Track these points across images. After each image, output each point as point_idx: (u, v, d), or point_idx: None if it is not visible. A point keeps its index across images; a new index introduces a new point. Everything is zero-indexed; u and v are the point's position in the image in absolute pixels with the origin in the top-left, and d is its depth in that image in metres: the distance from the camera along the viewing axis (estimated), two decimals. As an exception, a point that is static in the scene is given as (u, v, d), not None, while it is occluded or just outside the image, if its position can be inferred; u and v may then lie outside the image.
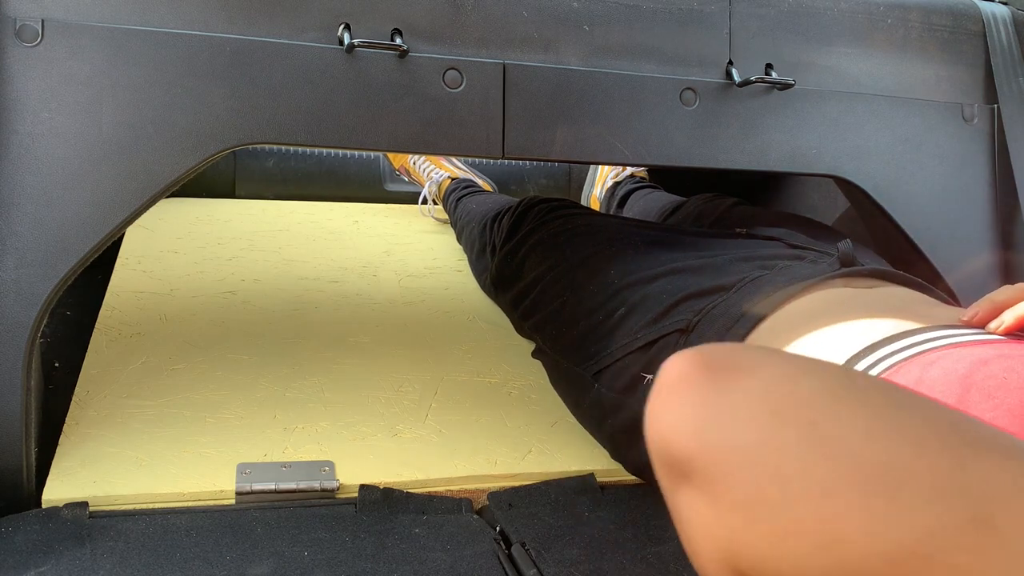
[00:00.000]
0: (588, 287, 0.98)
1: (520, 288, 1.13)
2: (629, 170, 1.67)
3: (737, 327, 0.79)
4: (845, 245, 0.86)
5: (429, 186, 1.64)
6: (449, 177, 1.64)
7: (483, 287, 1.33)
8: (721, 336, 0.79)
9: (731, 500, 0.35)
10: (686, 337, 0.83)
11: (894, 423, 0.33)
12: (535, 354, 1.10)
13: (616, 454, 0.93)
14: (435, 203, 1.65)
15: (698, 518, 0.37)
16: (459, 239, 1.50)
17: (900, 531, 0.30)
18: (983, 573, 0.29)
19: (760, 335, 0.77)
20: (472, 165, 1.73)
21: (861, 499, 0.31)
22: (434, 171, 1.65)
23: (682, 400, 0.38)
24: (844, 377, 0.37)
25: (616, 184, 1.66)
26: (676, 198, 1.48)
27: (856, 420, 0.33)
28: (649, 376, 0.84)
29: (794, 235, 0.99)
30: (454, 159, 1.68)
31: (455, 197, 1.56)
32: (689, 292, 0.86)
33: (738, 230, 1.04)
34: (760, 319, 0.78)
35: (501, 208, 1.32)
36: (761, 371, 0.37)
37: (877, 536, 0.31)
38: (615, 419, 0.90)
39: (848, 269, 0.83)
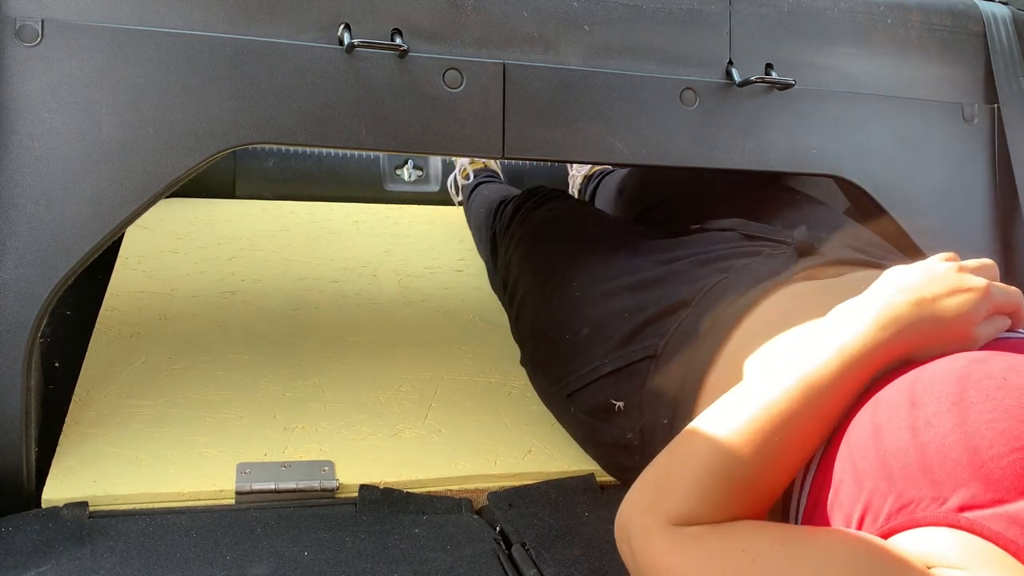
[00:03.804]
0: (553, 300, 0.98)
1: (509, 294, 1.15)
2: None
3: (703, 350, 0.78)
4: (800, 233, 0.85)
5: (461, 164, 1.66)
6: (484, 162, 1.65)
7: (490, 280, 1.34)
8: (691, 359, 0.78)
9: None
10: (656, 363, 0.81)
11: None
12: (522, 362, 1.10)
13: (601, 464, 0.94)
14: (460, 178, 1.65)
15: None
16: (469, 224, 1.51)
17: None
18: None
19: (727, 356, 0.76)
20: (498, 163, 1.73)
21: None
22: None
23: None
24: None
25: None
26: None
27: None
28: (619, 403, 0.83)
29: (747, 224, 0.96)
30: None
31: (477, 181, 1.58)
32: (650, 314, 0.84)
33: (693, 227, 1.02)
34: (724, 336, 0.77)
35: (507, 196, 1.33)
36: None
37: None
38: (592, 439, 0.91)
39: (807, 261, 0.82)
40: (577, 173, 1.69)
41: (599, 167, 1.65)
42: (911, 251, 1.06)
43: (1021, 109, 1.08)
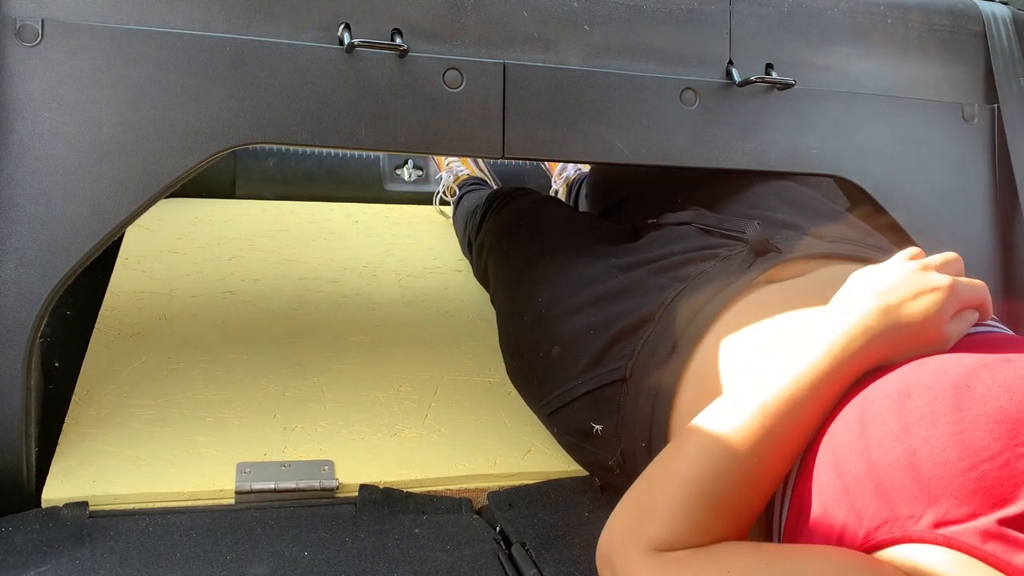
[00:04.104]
0: (523, 317, 0.98)
1: (491, 303, 1.15)
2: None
3: (670, 370, 0.78)
4: (754, 231, 0.84)
5: (447, 176, 1.65)
6: (467, 173, 1.64)
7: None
8: (659, 381, 0.78)
9: None
10: (627, 386, 0.81)
11: None
12: (507, 373, 1.09)
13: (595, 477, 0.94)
14: (446, 196, 1.65)
15: None
16: (457, 233, 1.52)
17: None
18: None
19: (692, 376, 0.76)
20: (491, 166, 1.73)
21: None
22: (454, 162, 1.66)
23: None
24: None
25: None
26: None
27: None
28: (597, 427, 0.84)
29: (704, 215, 0.95)
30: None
31: (461, 192, 1.57)
32: (616, 331, 0.84)
33: (650, 221, 1.01)
34: (688, 355, 0.77)
35: (479, 204, 1.33)
36: None
37: None
38: (579, 459, 0.92)
39: (765, 263, 0.81)
40: (558, 187, 1.69)
41: (577, 173, 1.66)
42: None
43: (1021, 109, 1.08)
